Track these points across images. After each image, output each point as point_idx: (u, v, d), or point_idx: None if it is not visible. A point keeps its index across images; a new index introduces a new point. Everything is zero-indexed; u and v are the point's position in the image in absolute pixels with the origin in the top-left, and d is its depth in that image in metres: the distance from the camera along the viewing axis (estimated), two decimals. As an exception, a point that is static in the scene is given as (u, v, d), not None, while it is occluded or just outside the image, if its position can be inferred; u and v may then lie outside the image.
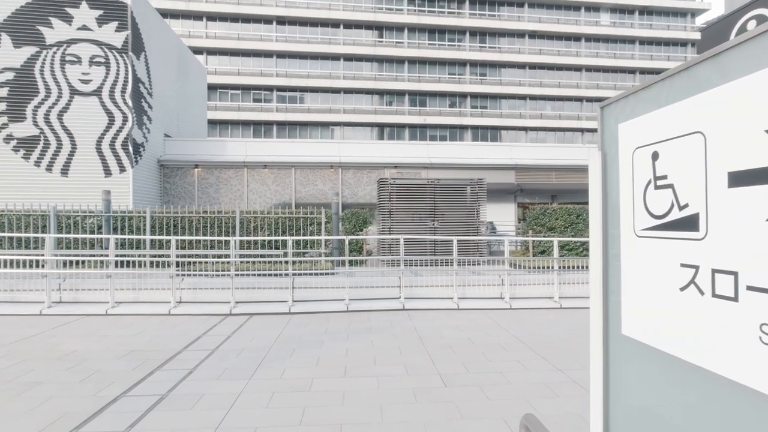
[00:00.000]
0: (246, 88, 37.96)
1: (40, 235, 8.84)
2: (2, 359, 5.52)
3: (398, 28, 39.85)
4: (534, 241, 12.22)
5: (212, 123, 35.65)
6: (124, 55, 13.95)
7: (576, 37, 41.85)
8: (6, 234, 8.61)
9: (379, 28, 39.79)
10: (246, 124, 38.16)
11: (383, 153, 19.28)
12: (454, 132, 40.92)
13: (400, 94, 40.17)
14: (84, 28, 13.76)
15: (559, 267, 9.73)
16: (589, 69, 42.10)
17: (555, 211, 13.08)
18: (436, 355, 5.74)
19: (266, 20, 37.87)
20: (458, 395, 4.39)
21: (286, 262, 9.64)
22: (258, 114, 37.70)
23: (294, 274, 8.93)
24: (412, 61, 40.08)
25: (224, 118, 37.14)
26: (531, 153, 21.17)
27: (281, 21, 38.05)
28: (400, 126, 40.23)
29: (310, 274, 9.89)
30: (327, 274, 10.19)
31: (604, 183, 1.13)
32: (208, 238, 9.22)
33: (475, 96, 40.97)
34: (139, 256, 9.61)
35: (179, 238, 8.78)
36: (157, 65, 16.00)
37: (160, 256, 10.04)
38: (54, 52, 13.58)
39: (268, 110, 38.05)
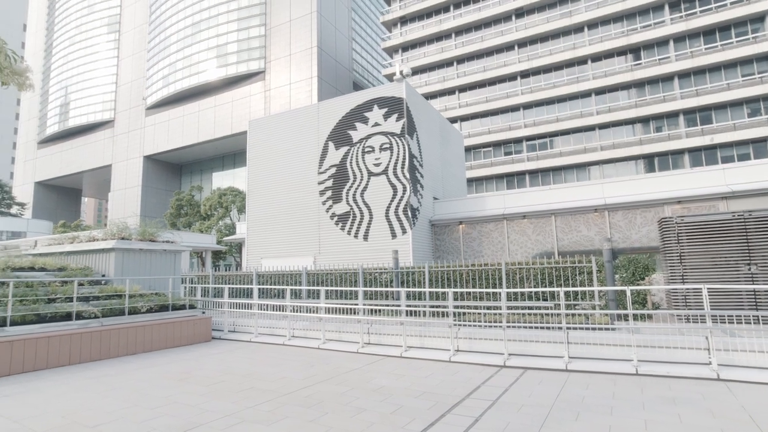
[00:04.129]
0: (496, 144, 39.87)
1: (354, 288, 11.41)
2: (340, 385, 7.26)
3: (660, 42, 34.70)
4: None
5: (469, 181, 38.66)
6: (402, 138, 17.31)
7: None
8: (334, 288, 11.58)
9: (635, 50, 35.63)
10: (499, 177, 39.67)
11: (659, 187, 16.53)
12: (761, 147, 31.36)
13: (672, 115, 34.07)
14: (376, 124, 17.99)
15: None
16: None
17: None
18: (787, 448, 4.31)
19: (510, 78, 39.57)
20: None
21: (558, 315, 9.25)
22: (510, 166, 38.73)
23: (567, 328, 8.47)
24: (684, 75, 33.76)
25: (479, 175, 39.73)
26: None
27: (525, 74, 39.01)
28: (676, 153, 33.74)
29: (585, 329, 9.14)
30: (605, 329, 9.20)
31: None
32: (479, 290, 9.87)
33: (794, 94, 30.72)
34: (423, 306, 11.07)
35: (455, 290, 9.74)
36: (425, 140, 19.00)
37: (438, 306, 11.28)
38: (358, 147, 18.23)
39: (519, 161, 38.60)
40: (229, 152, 49.56)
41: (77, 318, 10.01)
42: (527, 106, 38.83)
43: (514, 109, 39.34)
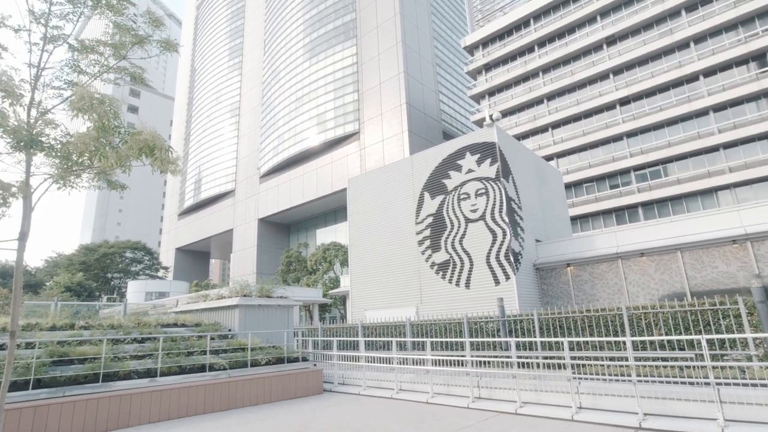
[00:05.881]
0: (600, 178, 37.20)
1: (460, 339, 11.11)
2: (455, 442, 6.98)
3: (791, 45, 30.38)
4: None
5: (573, 219, 36.21)
6: (497, 182, 17.09)
7: None
8: (439, 339, 11.41)
9: (758, 57, 31.58)
10: (606, 213, 36.60)
11: (818, 210, 13.86)
12: None
13: (822, 123, 28.92)
14: (469, 171, 18.08)
15: None
16: None
17: None
18: None
19: (608, 107, 37.37)
20: None
21: (702, 367, 7.98)
22: (618, 200, 35.64)
23: (717, 384, 7.24)
24: (833, 75, 28.80)
25: (584, 212, 37.10)
26: None
27: (624, 102, 36.59)
28: (837, 166, 28.21)
29: (743, 385, 7.71)
30: (768, 385, 7.66)
31: None
32: (599, 338, 8.98)
33: None
34: (535, 358, 10.34)
35: (571, 339, 8.99)
36: (521, 182, 18.50)
37: (552, 357, 10.44)
38: (452, 195, 18.37)
39: (629, 193, 35.37)
40: (331, 209, 53.03)
41: (209, 370, 11.15)
42: (631, 134, 35.98)
43: (616, 139, 36.70)
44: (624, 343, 9.64)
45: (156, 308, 21.76)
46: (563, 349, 9.16)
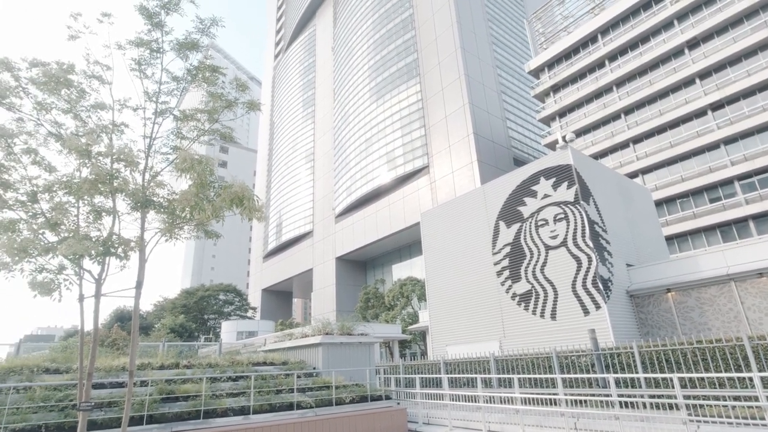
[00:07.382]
0: (696, 192, 33.65)
1: (550, 375, 10.37)
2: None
3: None
4: None
5: (668, 239, 32.85)
6: (576, 206, 16.19)
7: None
8: (526, 375, 10.73)
9: None
10: (708, 229, 32.74)
11: None
12: None
13: None
14: (545, 196, 17.38)
15: None
16: None
17: None
18: None
19: (698, 114, 34.21)
20: None
21: None
22: (722, 214, 31.80)
23: None
24: None
25: (680, 230, 33.55)
26: None
27: (717, 106, 33.29)
28: None
29: None
30: None
31: None
32: (717, 375, 7.91)
33: None
34: (639, 396, 9.32)
35: (682, 375, 8.00)
36: (604, 203, 17.34)
37: (660, 396, 9.34)
38: (530, 222, 17.70)
39: (734, 206, 31.46)
40: (405, 244, 53.34)
41: (297, 408, 11.45)
42: (730, 140, 32.37)
43: (711, 147, 33.21)
44: (750, 379, 8.38)
45: (246, 347, 23.03)
46: (673, 387, 8.17)
